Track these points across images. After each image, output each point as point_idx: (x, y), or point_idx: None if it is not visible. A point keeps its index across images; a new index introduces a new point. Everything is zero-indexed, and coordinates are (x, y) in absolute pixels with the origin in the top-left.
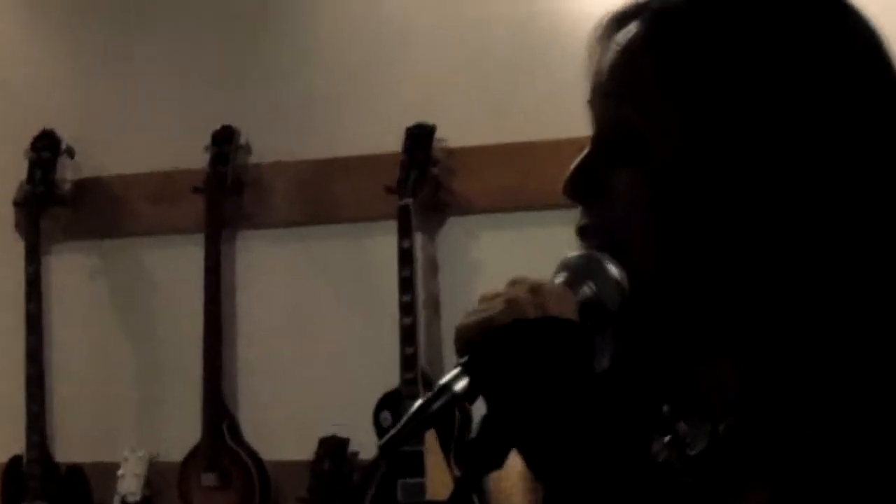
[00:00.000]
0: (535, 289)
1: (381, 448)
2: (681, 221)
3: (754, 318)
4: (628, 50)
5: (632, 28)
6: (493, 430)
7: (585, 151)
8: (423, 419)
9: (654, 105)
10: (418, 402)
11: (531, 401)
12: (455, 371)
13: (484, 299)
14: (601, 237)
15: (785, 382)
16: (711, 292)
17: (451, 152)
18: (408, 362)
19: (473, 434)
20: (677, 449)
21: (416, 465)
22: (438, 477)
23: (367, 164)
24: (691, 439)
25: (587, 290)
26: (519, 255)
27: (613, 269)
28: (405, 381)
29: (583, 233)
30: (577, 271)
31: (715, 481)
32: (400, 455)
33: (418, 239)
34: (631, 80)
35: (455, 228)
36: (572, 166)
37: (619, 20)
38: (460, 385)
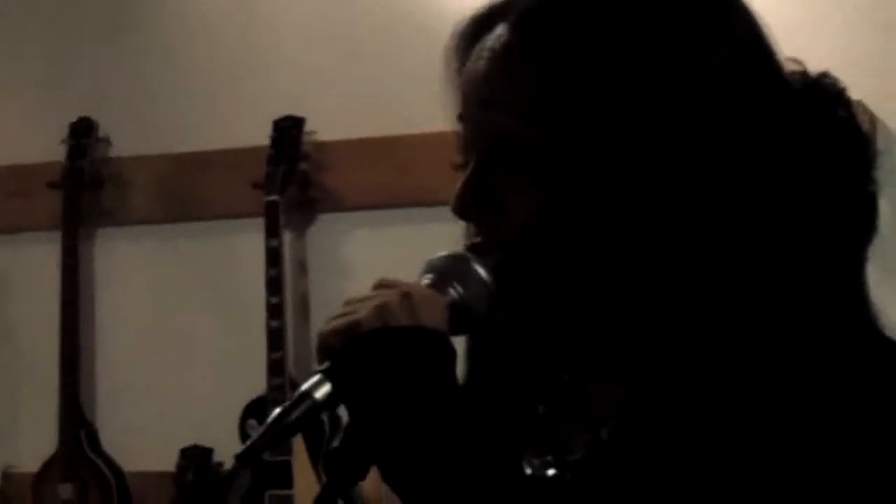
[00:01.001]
0: (406, 294)
1: (238, 458)
2: (582, 230)
3: (656, 324)
4: (504, 56)
5: (501, 32)
6: (355, 441)
7: (471, 167)
8: (283, 428)
9: (540, 113)
10: (277, 410)
11: (393, 414)
12: (316, 377)
13: (349, 303)
14: (499, 254)
15: (671, 393)
16: (611, 300)
17: (322, 146)
18: (275, 367)
19: (336, 443)
20: (555, 455)
21: (285, 476)
22: (307, 488)
23: (232, 158)
24: (570, 444)
25: (454, 292)
26: (392, 253)
27: (481, 271)
28: (273, 388)
29: (474, 252)
30: (443, 273)
31: (595, 489)
32: (266, 465)
33: (287, 237)
34: (513, 88)
35: (325, 226)
36: (460, 184)
37: (482, 23)
38: (322, 392)
